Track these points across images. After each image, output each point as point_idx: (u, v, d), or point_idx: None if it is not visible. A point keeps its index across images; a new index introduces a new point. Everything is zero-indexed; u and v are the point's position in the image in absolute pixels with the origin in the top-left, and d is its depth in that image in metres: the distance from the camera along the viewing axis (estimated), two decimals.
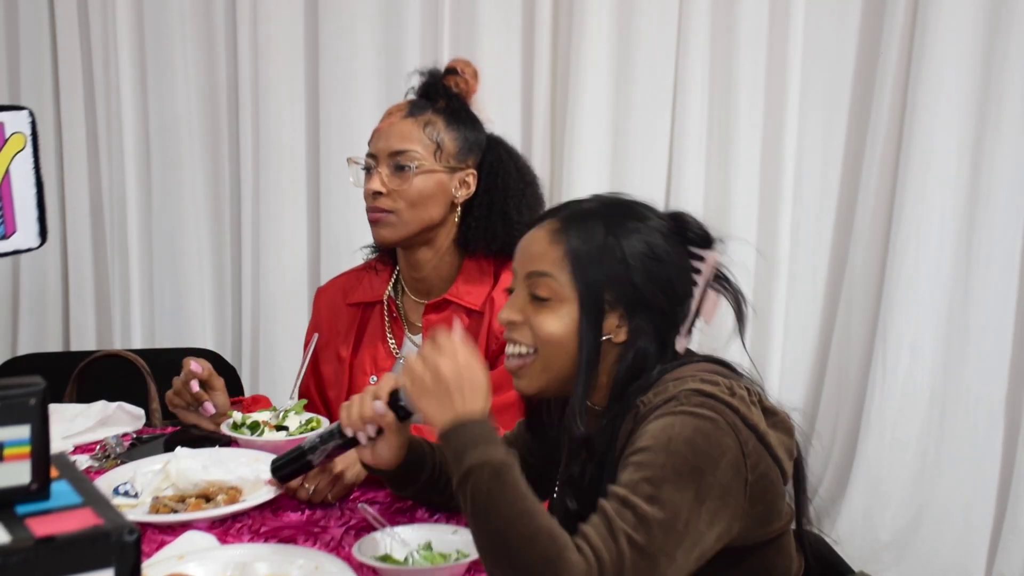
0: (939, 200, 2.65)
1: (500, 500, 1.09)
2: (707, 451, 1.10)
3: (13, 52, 3.03)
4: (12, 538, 0.64)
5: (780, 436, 1.18)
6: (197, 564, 1.23)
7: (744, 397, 1.15)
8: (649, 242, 1.23)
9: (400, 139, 1.76)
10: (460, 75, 1.81)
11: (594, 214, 1.26)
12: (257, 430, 1.71)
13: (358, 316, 1.90)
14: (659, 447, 1.10)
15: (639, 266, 1.22)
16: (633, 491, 1.08)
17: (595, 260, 1.23)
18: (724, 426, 1.11)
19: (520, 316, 1.27)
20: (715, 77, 2.76)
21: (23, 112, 0.86)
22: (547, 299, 1.25)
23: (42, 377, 0.69)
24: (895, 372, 2.71)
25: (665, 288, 1.23)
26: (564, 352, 1.24)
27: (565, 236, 1.25)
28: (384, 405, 1.31)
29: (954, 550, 2.70)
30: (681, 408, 1.13)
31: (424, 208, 1.76)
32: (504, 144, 1.87)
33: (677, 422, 1.11)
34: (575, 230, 1.25)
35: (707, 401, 1.13)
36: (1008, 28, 2.55)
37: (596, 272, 1.22)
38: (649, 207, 1.29)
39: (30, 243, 0.87)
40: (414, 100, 1.82)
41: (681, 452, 1.09)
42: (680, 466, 1.08)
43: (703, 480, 1.09)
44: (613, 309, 1.23)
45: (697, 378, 1.17)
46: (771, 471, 1.15)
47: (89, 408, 1.86)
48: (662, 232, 1.25)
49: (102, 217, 3.05)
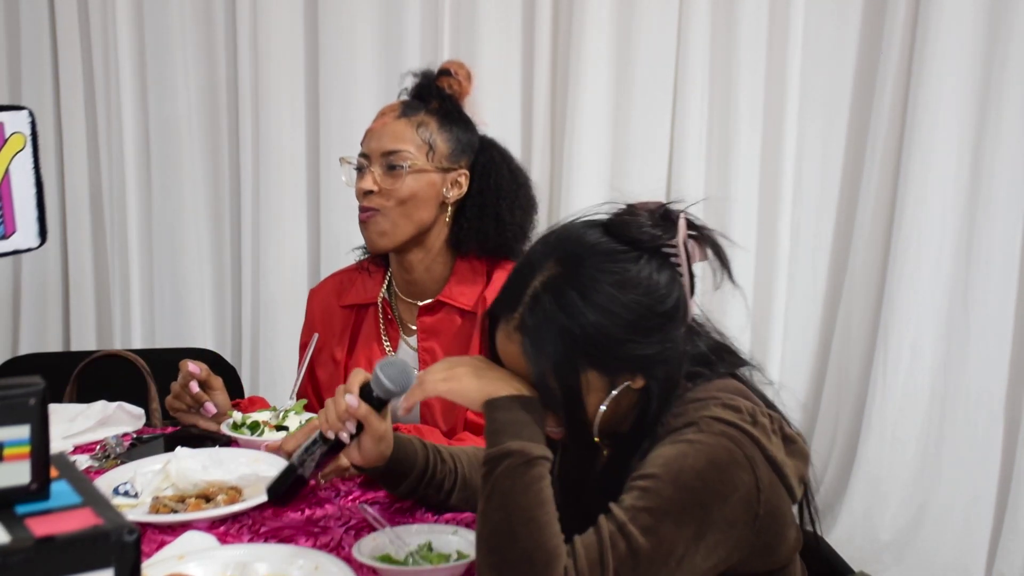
0: (939, 200, 2.65)
1: (519, 498, 1.08)
2: (717, 486, 1.07)
3: (13, 52, 3.04)
4: (12, 538, 0.64)
5: (796, 464, 1.14)
6: (197, 564, 1.23)
7: (766, 426, 1.11)
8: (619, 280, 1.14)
9: (393, 139, 1.76)
10: (453, 77, 1.81)
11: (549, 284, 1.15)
12: (257, 430, 1.71)
13: (352, 318, 1.90)
14: (668, 478, 1.07)
15: (619, 327, 1.13)
16: (632, 519, 1.06)
17: (569, 373, 1.14)
18: (741, 459, 1.08)
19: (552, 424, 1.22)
20: (715, 77, 2.76)
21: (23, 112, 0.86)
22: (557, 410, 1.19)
23: (42, 377, 0.69)
24: (895, 372, 2.71)
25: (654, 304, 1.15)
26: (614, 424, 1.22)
27: (525, 353, 1.16)
28: (356, 398, 1.31)
29: (954, 550, 2.70)
30: (697, 436, 1.09)
31: (415, 208, 1.76)
32: (497, 146, 1.87)
33: (691, 452, 1.07)
34: (532, 343, 1.15)
35: (727, 430, 1.09)
36: (1008, 29, 2.55)
37: (573, 381, 1.14)
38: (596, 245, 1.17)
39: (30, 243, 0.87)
40: (407, 101, 1.82)
41: (689, 486, 1.06)
42: (686, 501, 1.06)
43: (708, 516, 1.06)
44: (618, 374, 1.16)
45: (720, 401, 1.12)
46: (783, 502, 1.13)
47: (89, 408, 1.86)
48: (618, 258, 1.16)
49: (102, 217, 3.05)
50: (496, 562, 1.08)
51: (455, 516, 1.46)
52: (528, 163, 2.76)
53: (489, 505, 1.10)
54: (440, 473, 1.44)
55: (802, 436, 1.19)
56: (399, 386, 1.32)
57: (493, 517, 1.09)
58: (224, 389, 1.83)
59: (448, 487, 1.45)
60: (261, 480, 1.54)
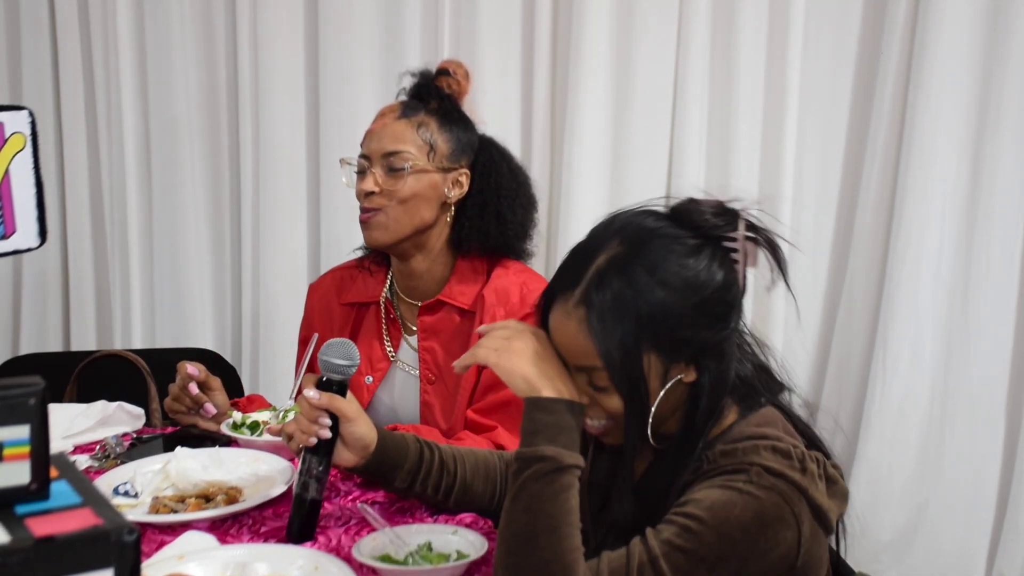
0: (939, 200, 2.65)
1: (546, 505, 1.07)
2: (760, 543, 1.06)
3: (13, 52, 3.03)
4: (12, 538, 0.64)
5: (837, 504, 1.14)
6: (197, 564, 1.23)
7: (814, 472, 1.11)
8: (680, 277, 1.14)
9: (393, 140, 1.76)
10: (452, 76, 1.81)
11: (614, 284, 1.14)
12: (257, 430, 1.71)
13: (352, 315, 1.90)
14: (713, 524, 1.06)
15: (682, 314, 1.13)
16: (667, 557, 1.05)
17: (632, 350, 1.12)
18: (789, 517, 1.07)
19: (587, 399, 1.20)
20: (715, 77, 2.76)
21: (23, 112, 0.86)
22: (605, 388, 1.17)
23: (42, 377, 0.69)
24: (895, 372, 2.71)
25: (715, 313, 1.15)
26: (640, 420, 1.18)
27: (584, 315, 1.14)
28: (319, 393, 1.33)
29: (954, 550, 2.70)
30: (748, 488, 1.07)
31: (416, 208, 1.76)
32: (496, 145, 1.87)
33: (740, 503, 1.06)
34: (598, 316, 1.13)
35: (778, 484, 1.07)
36: (1008, 28, 2.55)
37: (636, 361, 1.13)
38: (666, 233, 1.18)
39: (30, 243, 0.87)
40: (407, 101, 1.83)
41: (732, 537, 1.05)
42: (725, 551, 1.05)
43: (744, 569, 1.06)
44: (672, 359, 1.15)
45: (769, 446, 1.10)
46: (820, 548, 1.12)
47: (89, 408, 1.86)
48: (681, 250, 1.16)
49: (102, 217, 3.05)
50: (513, 564, 1.08)
51: (456, 517, 1.46)
52: (528, 163, 2.75)
53: (515, 506, 1.10)
54: (436, 468, 1.43)
55: (840, 469, 1.18)
56: (348, 358, 1.34)
57: (518, 519, 1.09)
58: (223, 389, 1.83)
59: (446, 486, 1.44)
60: (261, 480, 1.54)
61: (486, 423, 1.70)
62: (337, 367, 1.34)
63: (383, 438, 1.39)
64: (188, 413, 1.80)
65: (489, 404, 1.74)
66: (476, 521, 1.44)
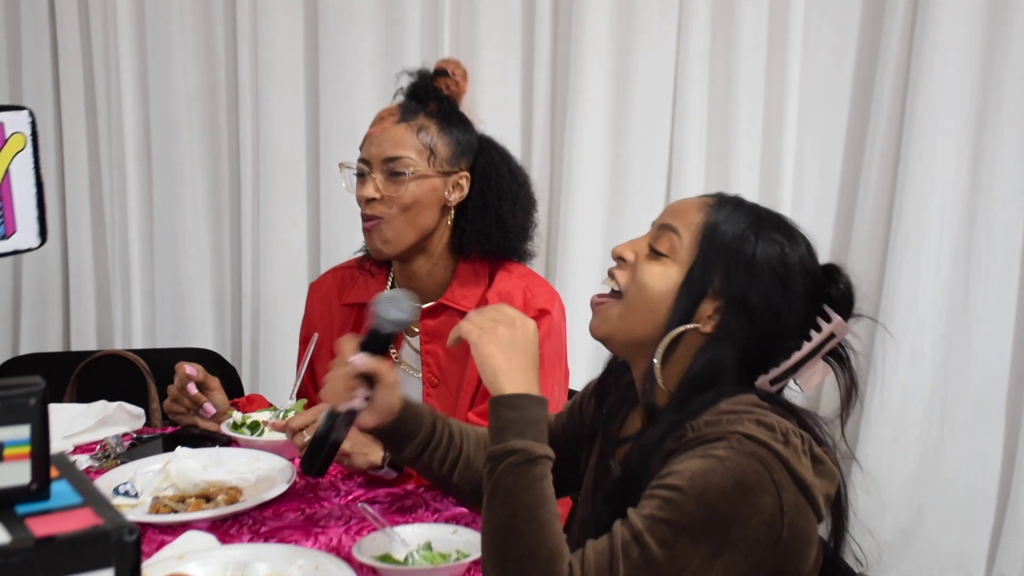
0: (939, 200, 2.65)
1: (523, 496, 1.08)
2: (740, 508, 1.06)
3: (13, 52, 3.03)
4: (12, 538, 0.64)
5: (824, 484, 1.14)
6: (197, 564, 1.23)
7: (797, 446, 1.10)
8: (786, 263, 1.18)
9: (393, 145, 1.74)
10: (451, 77, 1.79)
11: (749, 210, 1.23)
12: (257, 430, 1.71)
13: (353, 316, 1.89)
14: (692, 492, 1.06)
15: (762, 275, 1.17)
16: (650, 530, 1.05)
17: (725, 244, 1.19)
18: (768, 483, 1.07)
19: (632, 256, 1.24)
20: (715, 77, 2.76)
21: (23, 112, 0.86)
22: (662, 255, 1.21)
23: (42, 377, 0.69)
24: (895, 372, 2.71)
25: (774, 311, 1.17)
26: (647, 308, 1.20)
27: (712, 210, 1.22)
28: (360, 355, 1.31)
29: (954, 550, 2.70)
30: (728, 454, 1.07)
31: (418, 214, 1.75)
32: (495, 145, 1.86)
33: (720, 469, 1.06)
34: (724, 210, 1.21)
35: (758, 450, 1.07)
36: (1008, 28, 2.55)
37: (720, 254, 1.18)
38: (806, 240, 1.24)
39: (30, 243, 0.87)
40: (405, 103, 1.81)
41: (713, 504, 1.05)
42: (707, 519, 1.05)
43: (727, 535, 1.05)
44: (714, 298, 1.18)
45: (753, 416, 1.11)
46: (808, 524, 1.11)
47: (89, 408, 1.86)
48: (804, 266, 1.20)
49: (102, 217, 3.05)
50: (499, 558, 1.08)
51: (455, 516, 1.46)
52: (528, 163, 2.76)
53: (493, 502, 1.11)
54: (445, 441, 1.42)
55: (832, 453, 1.18)
56: (407, 312, 1.32)
57: (497, 513, 1.10)
58: (221, 389, 1.83)
59: (452, 459, 1.42)
60: (261, 480, 1.54)
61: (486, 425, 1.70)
62: (396, 321, 1.32)
63: (405, 407, 1.38)
64: (187, 413, 1.80)
65: None
66: (476, 520, 1.44)
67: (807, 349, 1.19)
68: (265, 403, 1.90)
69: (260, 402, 1.92)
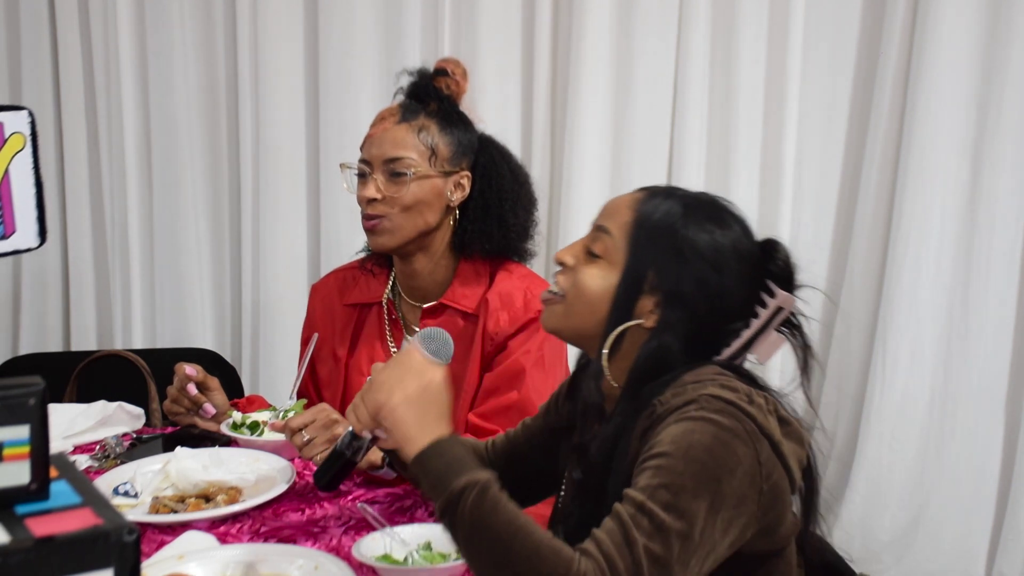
0: (939, 200, 2.65)
1: (496, 519, 1.06)
2: (724, 459, 1.08)
3: (13, 52, 3.03)
4: (11, 538, 0.64)
5: (793, 446, 1.16)
6: (197, 564, 1.23)
7: (762, 406, 1.14)
8: (717, 249, 1.21)
9: (394, 146, 1.74)
10: (451, 76, 1.79)
11: (679, 200, 1.25)
12: (257, 430, 1.71)
13: (355, 316, 1.90)
14: (678, 454, 1.08)
15: (693, 265, 1.20)
16: (651, 497, 1.06)
17: (654, 239, 1.21)
18: (742, 434, 1.10)
19: (572, 261, 1.27)
20: (715, 78, 2.76)
21: (23, 112, 0.86)
22: (599, 256, 1.24)
23: (42, 377, 0.69)
24: (895, 372, 2.71)
25: (711, 299, 1.20)
26: (589, 309, 1.24)
27: (641, 206, 1.24)
28: None
29: (954, 550, 2.70)
30: (700, 413, 1.11)
31: (419, 213, 1.75)
32: (496, 144, 1.86)
33: (697, 428, 1.10)
34: (652, 205, 1.24)
35: (726, 408, 1.11)
36: (1008, 29, 2.55)
37: (650, 249, 1.21)
38: (742, 221, 1.27)
39: (30, 243, 0.87)
40: (406, 103, 1.80)
41: (700, 459, 1.08)
42: (699, 474, 1.07)
43: (720, 489, 1.08)
44: (652, 293, 1.21)
45: (717, 382, 1.15)
46: (782, 481, 1.14)
47: (89, 408, 1.86)
48: (738, 249, 1.23)
49: (102, 217, 3.05)
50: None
51: None
52: (528, 163, 2.76)
53: (470, 547, 1.08)
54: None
55: (799, 420, 1.20)
56: (443, 357, 1.32)
57: (481, 549, 1.07)
58: (221, 389, 1.83)
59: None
60: (261, 480, 1.54)
61: (487, 427, 1.70)
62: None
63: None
64: (187, 414, 1.80)
65: (491, 408, 1.73)
66: None
67: (755, 327, 1.22)
68: (265, 404, 1.90)
69: (260, 403, 1.92)
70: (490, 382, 1.75)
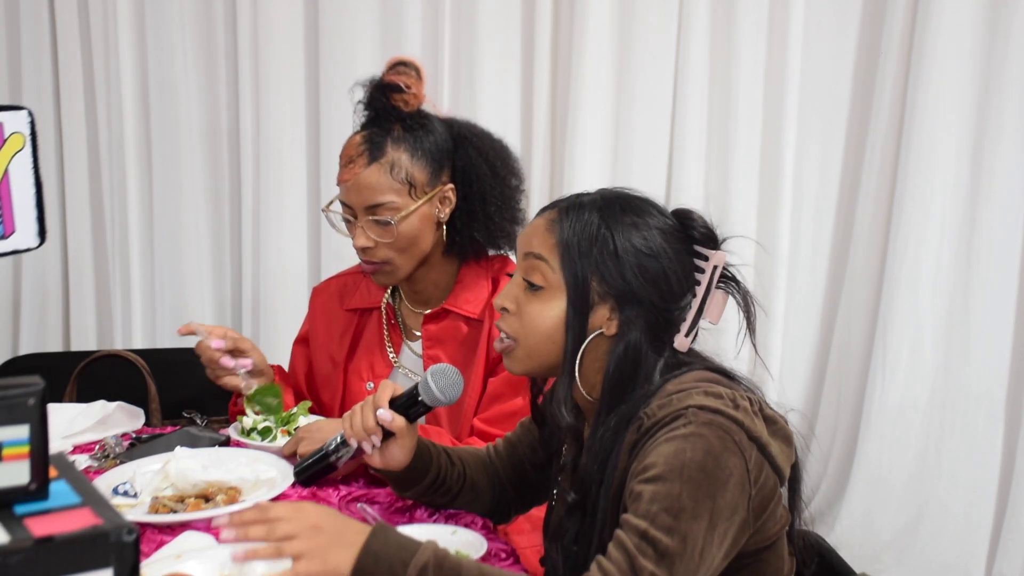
0: (939, 200, 2.65)
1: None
2: (717, 474, 1.09)
3: (13, 52, 3.03)
4: (11, 538, 0.64)
5: (779, 444, 1.18)
6: (195, 563, 1.23)
7: (747, 408, 1.15)
8: (645, 236, 1.23)
9: (371, 192, 1.68)
10: (407, 91, 1.71)
11: (592, 206, 1.25)
12: (270, 435, 1.71)
13: (354, 321, 1.89)
14: (673, 475, 1.09)
15: (631, 260, 1.21)
16: (652, 523, 1.07)
17: (585, 251, 1.22)
18: (731, 445, 1.11)
19: (513, 305, 1.27)
20: (715, 77, 2.76)
21: (22, 112, 0.86)
22: (540, 288, 1.25)
23: (42, 377, 0.69)
24: (895, 372, 2.71)
25: (658, 285, 1.22)
26: (549, 342, 1.25)
27: (559, 226, 1.25)
28: (389, 412, 1.33)
29: (954, 550, 2.70)
30: (690, 430, 1.11)
31: (415, 246, 1.73)
32: (469, 139, 1.78)
33: (688, 446, 1.10)
34: (569, 220, 1.24)
35: (714, 419, 1.12)
36: (1008, 28, 2.55)
37: (585, 263, 1.22)
38: (652, 203, 1.29)
39: (29, 243, 0.87)
40: (368, 135, 1.72)
41: (695, 479, 1.09)
42: (695, 493, 1.08)
43: (715, 504, 1.09)
44: (603, 301, 1.23)
45: (700, 390, 1.15)
46: (770, 479, 1.16)
47: (89, 408, 1.85)
48: (662, 229, 1.24)
49: (102, 217, 3.05)
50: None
51: (454, 516, 1.46)
52: (528, 163, 2.76)
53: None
54: (449, 479, 1.44)
55: (784, 418, 1.21)
56: (448, 396, 1.34)
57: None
58: (256, 347, 1.81)
59: (455, 491, 1.46)
60: (261, 481, 1.54)
61: (493, 432, 1.69)
62: (434, 395, 1.34)
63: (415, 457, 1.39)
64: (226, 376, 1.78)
65: (496, 414, 1.73)
66: (475, 521, 1.44)
67: (701, 293, 1.24)
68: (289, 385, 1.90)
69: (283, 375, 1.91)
70: (495, 388, 1.74)
